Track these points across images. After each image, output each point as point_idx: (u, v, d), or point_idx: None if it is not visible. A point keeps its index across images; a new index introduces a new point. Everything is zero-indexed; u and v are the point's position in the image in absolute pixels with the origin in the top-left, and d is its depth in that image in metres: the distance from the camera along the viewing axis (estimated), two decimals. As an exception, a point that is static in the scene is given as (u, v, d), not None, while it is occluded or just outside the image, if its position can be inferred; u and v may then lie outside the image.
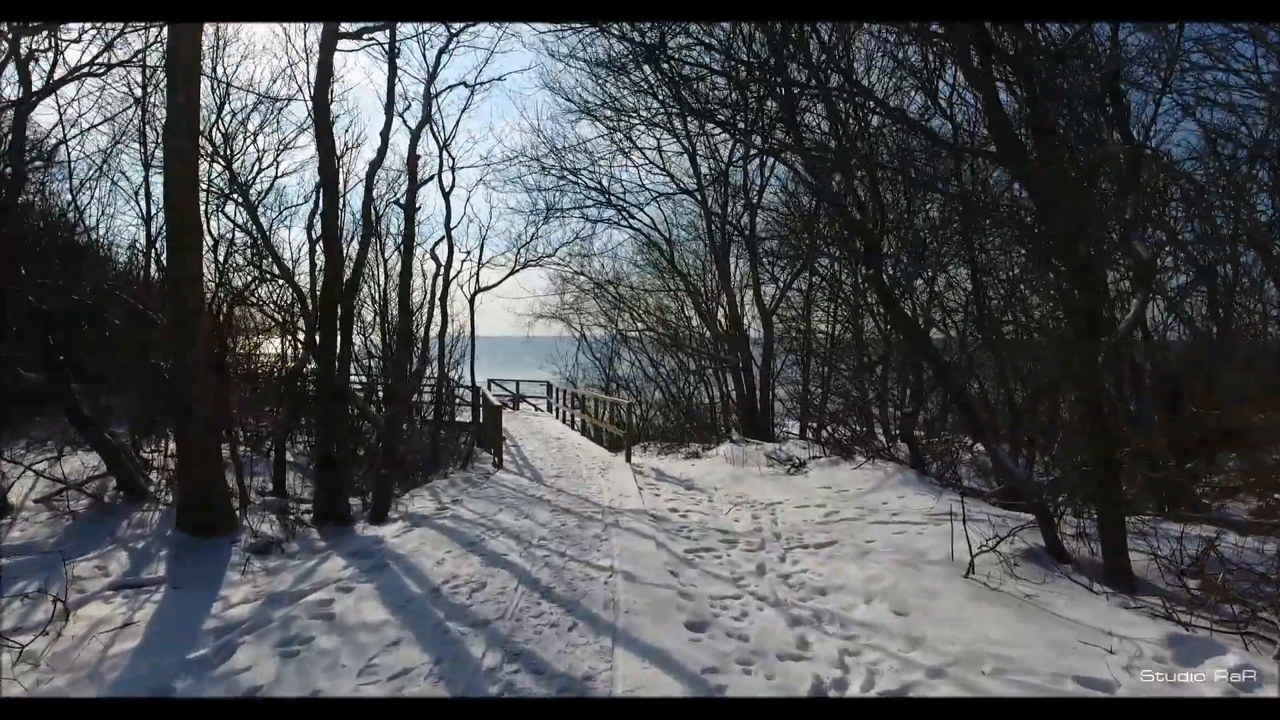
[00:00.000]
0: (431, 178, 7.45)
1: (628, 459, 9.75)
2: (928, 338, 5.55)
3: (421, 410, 11.37)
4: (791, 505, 6.91)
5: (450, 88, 12.81)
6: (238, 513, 6.75)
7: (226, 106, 9.38)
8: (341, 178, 10.08)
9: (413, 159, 7.20)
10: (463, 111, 17.69)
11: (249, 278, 9.15)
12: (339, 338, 6.51)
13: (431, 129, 10.39)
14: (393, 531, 5.75)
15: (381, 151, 7.01)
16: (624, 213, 14.30)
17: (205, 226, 8.15)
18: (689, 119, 12.67)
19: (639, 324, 16.80)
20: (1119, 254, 4.87)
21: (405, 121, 7.85)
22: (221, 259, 8.52)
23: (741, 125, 5.22)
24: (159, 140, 8.88)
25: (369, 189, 6.93)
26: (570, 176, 13.92)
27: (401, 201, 7.23)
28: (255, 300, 8.78)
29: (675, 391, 17.33)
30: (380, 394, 8.96)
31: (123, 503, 6.75)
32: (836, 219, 6.26)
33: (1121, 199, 4.91)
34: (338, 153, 9.41)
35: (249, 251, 9.51)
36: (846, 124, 4.84)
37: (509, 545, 5.03)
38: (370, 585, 4.10)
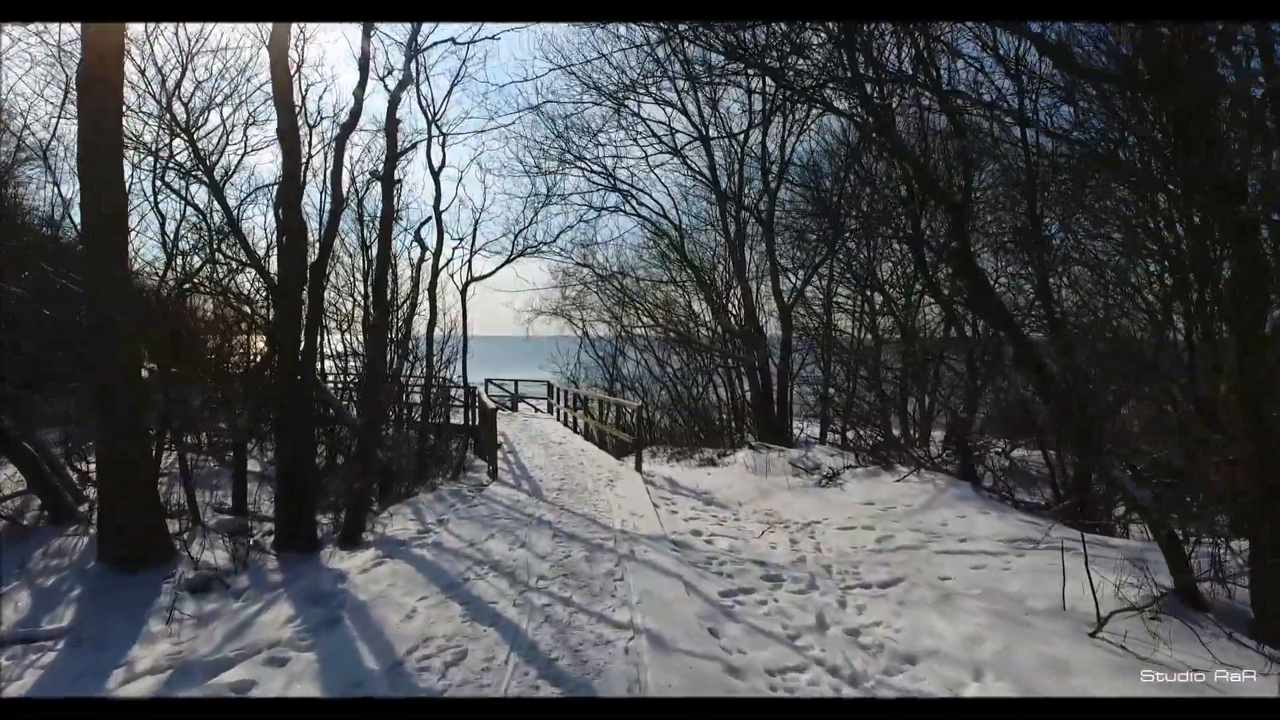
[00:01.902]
0: (414, 146, 6.46)
1: (638, 468, 8.73)
2: (1020, 330, 4.53)
3: (409, 412, 10.35)
4: (833, 527, 5.91)
5: (436, 45, 11.69)
6: (182, 537, 5.74)
7: (188, 73, 8.36)
8: (320, 154, 9.07)
9: (392, 123, 6.20)
10: (454, 83, 16.19)
11: (214, 265, 8.11)
12: (304, 322, 5.50)
13: (420, 100, 9.39)
14: (361, 564, 4.74)
15: (355, 113, 6.00)
16: (630, 198, 13.26)
17: (154, 203, 7.14)
18: (702, 103, 11.68)
19: (645, 319, 15.78)
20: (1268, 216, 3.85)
21: (385, 85, 6.85)
22: (175, 240, 7.47)
23: (777, 64, 4.18)
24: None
25: (339, 156, 5.92)
26: (572, 157, 12.89)
27: (380, 173, 6.23)
28: (218, 289, 7.76)
29: (681, 391, 16.32)
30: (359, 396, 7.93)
31: (46, 525, 5.76)
32: (910, 179, 5.24)
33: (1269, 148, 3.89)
34: (311, 121, 8.39)
35: (215, 236, 8.46)
36: (920, 51, 3.79)
37: (500, 588, 4.00)
38: (313, 654, 3.08)
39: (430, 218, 8.49)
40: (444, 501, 6.98)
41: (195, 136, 8.38)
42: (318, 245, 5.79)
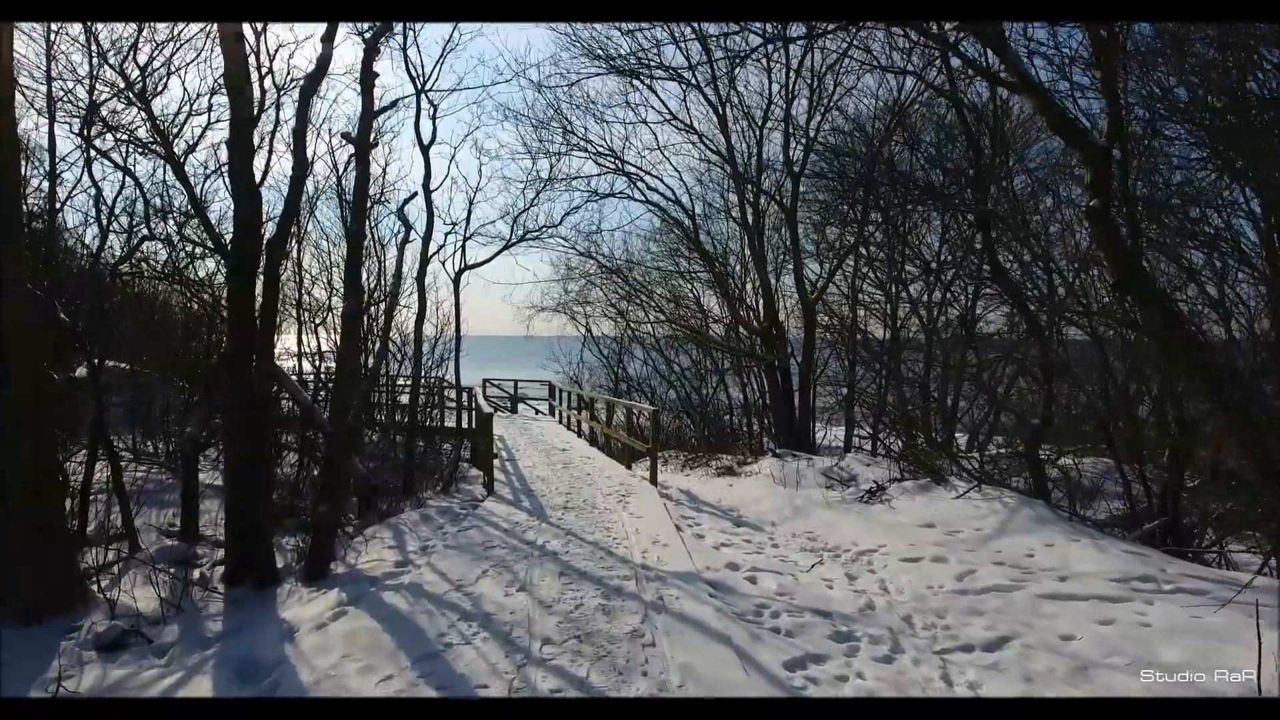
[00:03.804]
0: (394, 104, 5.48)
1: (653, 481, 7.73)
2: (1180, 317, 3.53)
3: (396, 417, 9.35)
4: (895, 557, 4.93)
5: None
6: (113, 570, 4.77)
7: (144, 32, 7.34)
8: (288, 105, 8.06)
9: (368, 76, 5.22)
10: (445, 49, 14.40)
11: (171, 247, 7.12)
12: (260, 302, 4.52)
13: (408, 67, 8.39)
14: (317, 614, 3.75)
15: (323, 62, 5.01)
16: (639, 181, 12.22)
17: (87, 166, 6.14)
18: (718, 77, 10.67)
19: (653, 314, 14.76)
20: None
21: (363, 38, 5.86)
22: (110, 215, 6.46)
23: None
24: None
25: (303, 112, 4.93)
26: (577, 138, 11.88)
27: (353, 135, 5.25)
28: (164, 272, 6.78)
29: (689, 392, 15.32)
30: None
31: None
32: (979, 140, 4.29)
33: None
34: (280, 83, 7.40)
35: (152, 210, 7.45)
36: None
37: (492, 660, 3.01)
38: (209, 789, 2.09)
39: (416, 193, 7.47)
40: (430, 522, 5.99)
41: (152, 105, 7.38)
42: (275, 222, 4.80)
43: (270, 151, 7.39)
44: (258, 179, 7.66)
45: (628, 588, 3.97)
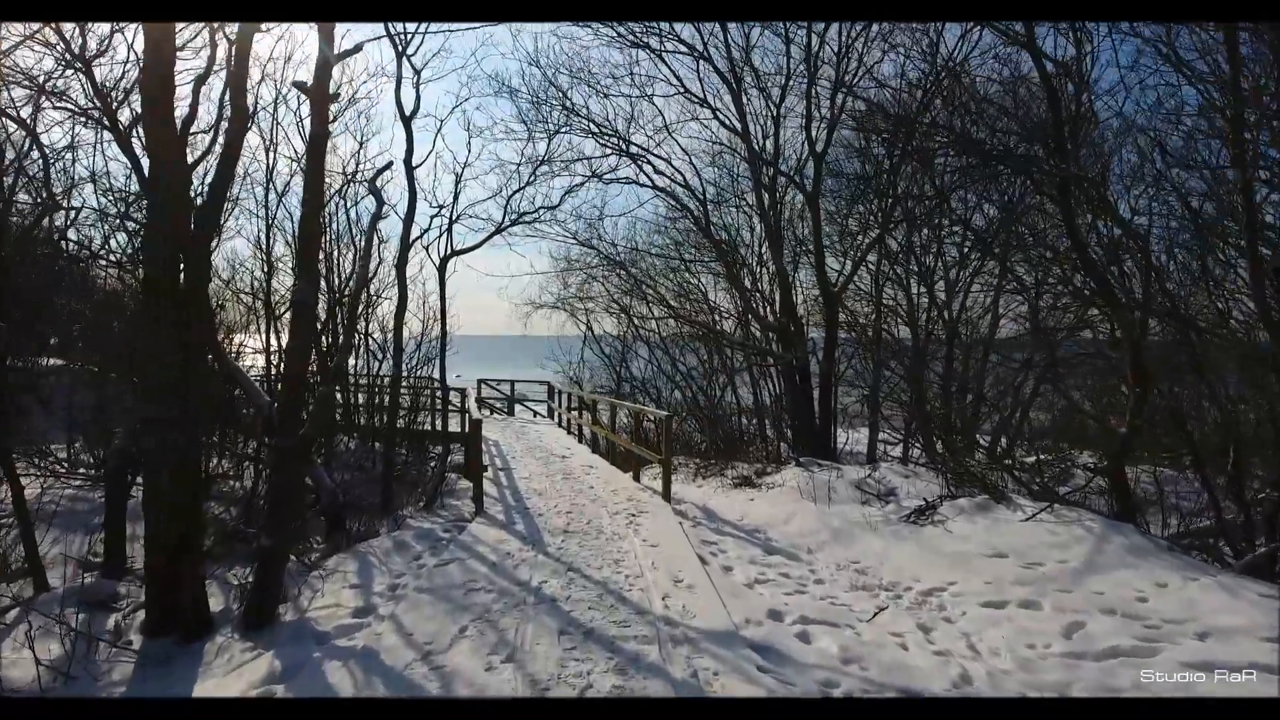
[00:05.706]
0: (358, 48, 4.51)
1: (666, 496, 6.79)
2: None
3: (373, 419, 8.40)
4: (972, 599, 4.02)
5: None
6: (5, 620, 3.84)
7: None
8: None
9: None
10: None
11: (104, 219, 6.18)
12: (184, 285, 3.60)
13: (387, 27, 7.43)
14: (239, 693, 2.80)
15: (269, -6, 4.07)
16: (645, 163, 11.25)
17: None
18: (733, 48, 9.73)
19: (658, 310, 13.81)
20: None
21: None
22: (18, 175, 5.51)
23: None
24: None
25: (243, 55, 3.99)
26: (580, 119, 10.93)
27: (306, 85, 4.30)
28: (122, 258, 5.86)
29: (695, 392, 14.38)
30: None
31: None
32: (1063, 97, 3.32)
33: None
34: (232, 37, 6.42)
35: (121, 196, 6.53)
36: None
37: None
38: None
39: (392, 162, 6.51)
40: (406, 551, 5.05)
41: (93, 69, 6.44)
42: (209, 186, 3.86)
43: (220, 119, 6.43)
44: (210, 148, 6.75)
45: (648, 656, 3.02)
